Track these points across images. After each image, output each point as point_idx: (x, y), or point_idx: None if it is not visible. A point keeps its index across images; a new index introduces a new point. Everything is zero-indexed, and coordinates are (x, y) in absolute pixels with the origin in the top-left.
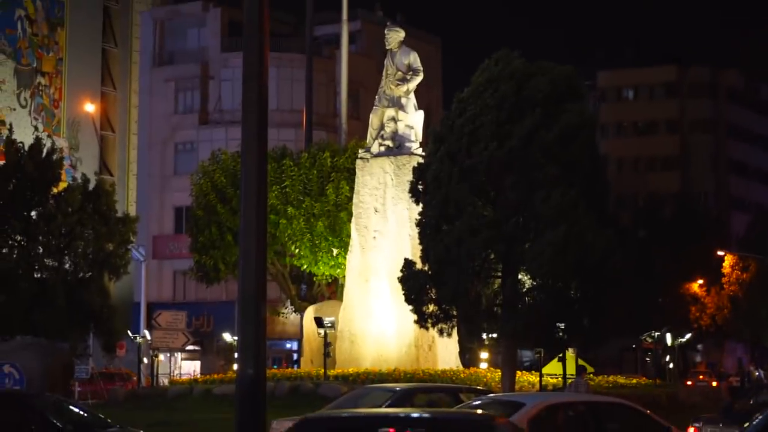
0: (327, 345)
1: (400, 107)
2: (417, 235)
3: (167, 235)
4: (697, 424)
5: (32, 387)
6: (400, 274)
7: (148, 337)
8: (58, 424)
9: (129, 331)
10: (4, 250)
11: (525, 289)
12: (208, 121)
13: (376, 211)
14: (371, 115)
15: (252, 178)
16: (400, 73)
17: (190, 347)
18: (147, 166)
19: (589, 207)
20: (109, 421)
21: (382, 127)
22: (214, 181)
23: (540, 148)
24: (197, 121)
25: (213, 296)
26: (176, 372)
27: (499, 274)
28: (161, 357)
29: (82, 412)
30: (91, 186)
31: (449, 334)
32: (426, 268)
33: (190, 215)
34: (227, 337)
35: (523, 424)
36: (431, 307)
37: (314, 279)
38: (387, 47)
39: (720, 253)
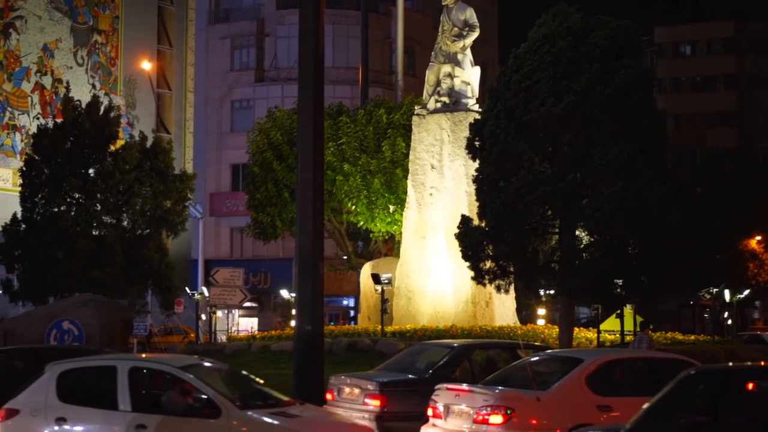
0: (384, 301)
1: (457, 63)
2: (474, 192)
3: (224, 193)
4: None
5: (91, 343)
6: (456, 231)
7: (206, 294)
8: None
9: (187, 288)
10: (62, 208)
11: (582, 246)
12: (264, 78)
13: (432, 167)
14: (427, 72)
15: (308, 135)
16: (456, 29)
17: (247, 304)
18: (204, 124)
19: (647, 163)
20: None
21: (438, 83)
22: (270, 138)
23: (598, 103)
24: (253, 78)
25: (270, 253)
26: (234, 328)
27: (557, 230)
28: (219, 314)
29: None
30: (149, 143)
31: (506, 291)
32: (483, 225)
33: (247, 172)
34: (284, 293)
35: (582, 380)
36: (488, 264)
37: (371, 236)
38: (443, 3)
39: None
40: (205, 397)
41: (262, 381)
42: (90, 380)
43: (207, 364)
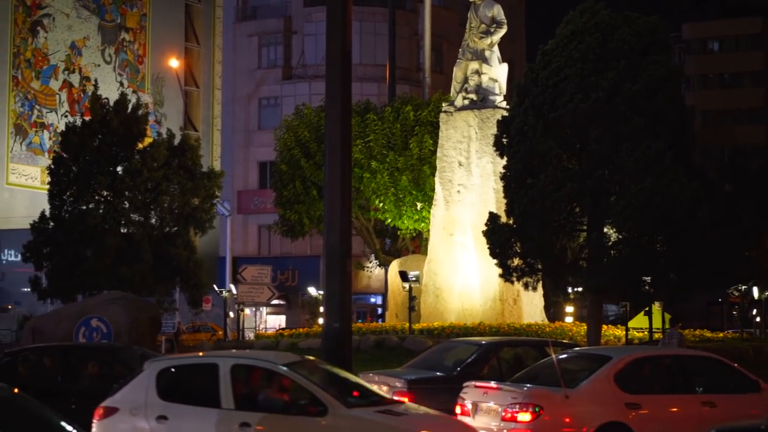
0: (412, 299)
1: (484, 60)
2: (501, 189)
3: (252, 190)
4: None
5: (119, 340)
6: (484, 228)
7: (234, 292)
8: None
9: (215, 286)
10: (90, 206)
11: (610, 243)
12: (292, 75)
13: (460, 164)
14: (455, 69)
15: (336, 133)
16: (483, 25)
17: (275, 301)
18: (231, 121)
19: (675, 160)
20: None
21: (465, 80)
22: (297, 135)
23: (625, 100)
24: (281, 75)
25: (298, 250)
26: (262, 326)
27: (585, 227)
28: (247, 311)
29: None
30: (176, 141)
31: (534, 288)
32: (511, 222)
33: (274, 170)
34: (312, 291)
35: (610, 378)
36: (516, 261)
37: (398, 233)
38: (470, 0)
39: None
40: (311, 394)
41: (358, 378)
42: (190, 378)
43: (311, 361)
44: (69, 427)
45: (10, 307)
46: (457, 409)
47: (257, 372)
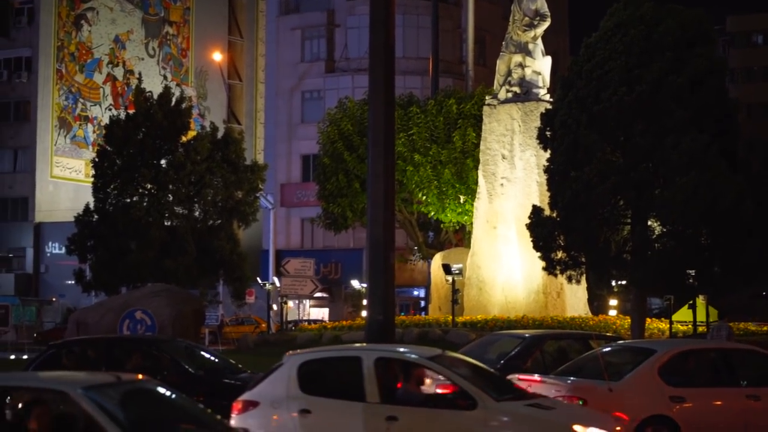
0: (455, 292)
1: (528, 53)
2: (545, 182)
3: (295, 183)
4: None
5: (164, 333)
6: (528, 221)
7: (277, 284)
8: (189, 369)
9: (258, 278)
10: (134, 199)
11: (655, 236)
12: (335, 69)
13: (503, 157)
14: (498, 61)
15: (379, 126)
16: (527, 18)
17: (318, 294)
18: (274, 115)
19: (719, 153)
20: (240, 366)
21: (509, 73)
22: (341, 128)
23: (670, 93)
24: (324, 69)
25: (341, 243)
26: (305, 318)
27: (629, 220)
28: (290, 304)
29: (213, 358)
30: (220, 134)
31: (578, 281)
32: (554, 215)
33: (318, 163)
34: (355, 284)
35: (654, 371)
36: (560, 254)
37: (441, 226)
38: None
39: None
40: (459, 388)
41: (492, 371)
42: (333, 371)
43: (451, 354)
44: (211, 416)
45: (54, 299)
46: None
47: (402, 365)
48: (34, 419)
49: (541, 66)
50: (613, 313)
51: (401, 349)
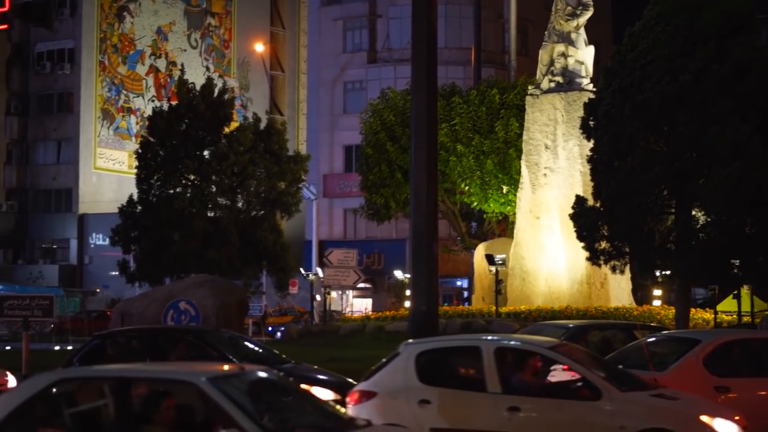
0: (498, 282)
1: (570, 43)
2: (588, 172)
3: (337, 174)
4: None
5: (208, 323)
6: (571, 211)
7: (320, 275)
8: (233, 359)
9: (301, 269)
10: (178, 190)
11: (699, 226)
12: (377, 59)
13: (546, 147)
14: (540, 51)
15: (422, 116)
16: (569, 8)
17: (361, 285)
18: (317, 106)
19: (764, 142)
20: (283, 356)
21: (551, 63)
22: (383, 119)
23: (713, 82)
24: (366, 59)
25: (384, 234)
26: (348, 309)
27: (673, 210)
28: (333, 294)
29: (257, 348)
30: (263, 125)
31: (622, 271)
32: (598, 205)
33: (360, 154)
34: (398, 274)
35: (699, 361)
36: (603, 244)
37: (484, 216)
38: None
39: None
40: (582, 378)
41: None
42: (451, 361)
43: (570, 344)
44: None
45: (98, 290)
46: None
47: (522, 355)
48: (162, 410)
49: (583, 55)
50: (657, 303)
51: (521, 339)
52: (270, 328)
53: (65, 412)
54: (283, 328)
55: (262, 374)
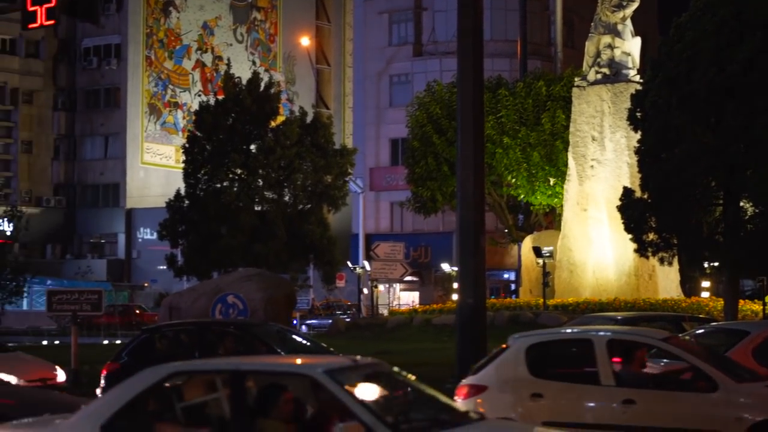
0: (546, 275)
1: (617, 34)
2: (635, 163)
3: (383, 167)
4: None
5: (255, 317)
6: (618, 203)
7: (367, 268)
8: (281, 352)
9: (348, 263)
10: (225, 184)
11: (747, 217)
12: (423, 52)
13: (593, 139)
14: (587, 43)
15: (468, 109)
16: None
17: (408, 278)
18: (363, 99)
19: None
20: (331, 350)
21: (598, 54)
22: (429, 112)
23: (761, 73)
24: (411, 52)
25: (430, 227)
26: (395, 302)
27: (721, 201)
28: (380, 287)
29: (304, 341)
30: (309, 119)
31: (670, 263)
32: (645, 196)
33: (406, 147)
34: (445, 267)
35: (748, 352)
36: (651, 236)
37: (531, 209)
38: None
39: None
40: (698, 369)
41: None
42: (562, 354)
43: (681, 336)
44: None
45: (146, 284)
46: None
47: (635, 347)
48: (281, 404)
49: (630, 47)
50: (705, 294)
51: (633, 331)
52: (294, 321)
53: (178, 406)
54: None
55: (376, 367)
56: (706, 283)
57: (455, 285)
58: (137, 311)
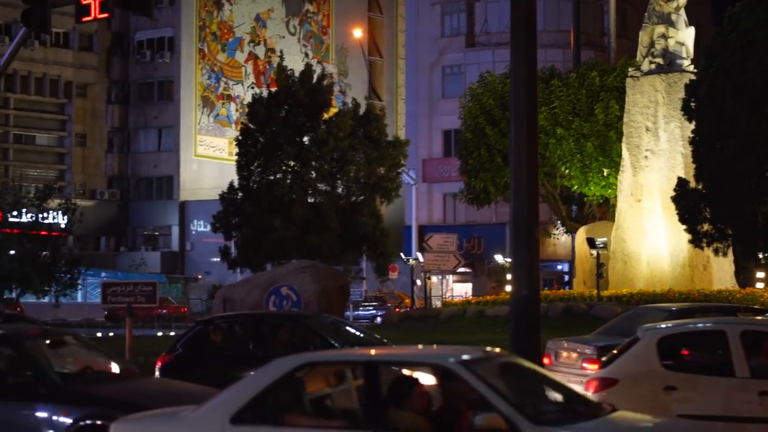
0: (600, 266)
1: (670, 24)
2: (690, 154)
3: (436, 159)
4: None
5: (309, 308)
6: (672, 193)
7: (420, 260)
8: (335, 344)
9: (401, 254)
10: (278, 176)
11: None
12: (475, 43)
13: (647, 129)
14: (640, 33)
15: (521, 100)
16: None
17: (461, 270)
18: (415, 90)
19: None
20: (385, 341)
21: (651, 44)
22: (482, 103)
23: None
24: (464, 43)
25: (483, 218)
26: (448, 294)
27: None
28: (433, 279)
29: (358, 333)
30: (361, 111)
31: (724, 254)
32: (700, 187)
33: (459, 138)
34: (499, 258)
35: None
36: (706, 227)
37: (585, 200)
38: None
39: None
40: None
41: None
42: (695, 346)
43: None
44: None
45: (200, 276)
46: None
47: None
48: (415, 396)
49: (684, 37)
50: (760, 285)
51: (766, 321)
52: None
53: (307, 397)
54: None
55: (506, 358)
56: (761, 274)
57: (508, 276)
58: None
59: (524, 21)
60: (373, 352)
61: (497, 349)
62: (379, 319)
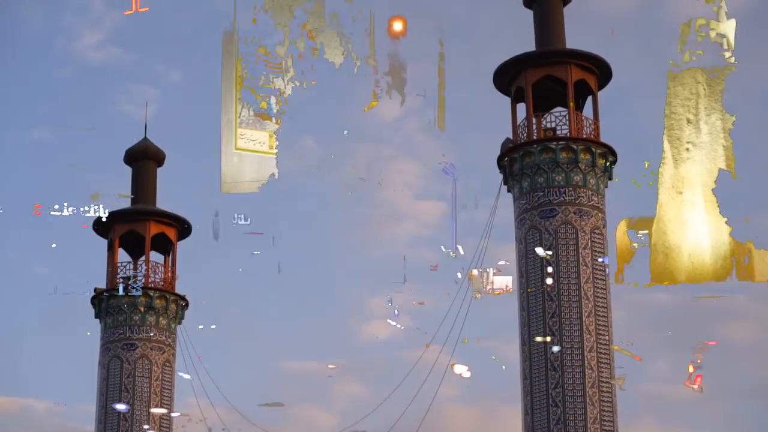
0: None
1: (711, 15)
2: (731, 146)
3: None
4: None
5: None
6: (714, 186)
7: None
8: None
9: None
10: None
11: None
12: None
13: (688, 122)
14: (681, 25)
15: None
16: None
17: None
18: None
19: None
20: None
21: (692, 36)
22: None
23: None
24: None
25: None
26: None
27: None
28: None
29: None
30: None
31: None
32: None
33: None
34: (539, 251)
35: None
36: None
37: None
38: None
39: None
40: None
41: None
42: None
43: None
44: None
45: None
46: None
47: None
48: None
49: (725, 28)
50: None
51: None
52: None
53: None
54: None
55: None
56: None
57: None
58: None
59: None
60: None
61: None
62: None
